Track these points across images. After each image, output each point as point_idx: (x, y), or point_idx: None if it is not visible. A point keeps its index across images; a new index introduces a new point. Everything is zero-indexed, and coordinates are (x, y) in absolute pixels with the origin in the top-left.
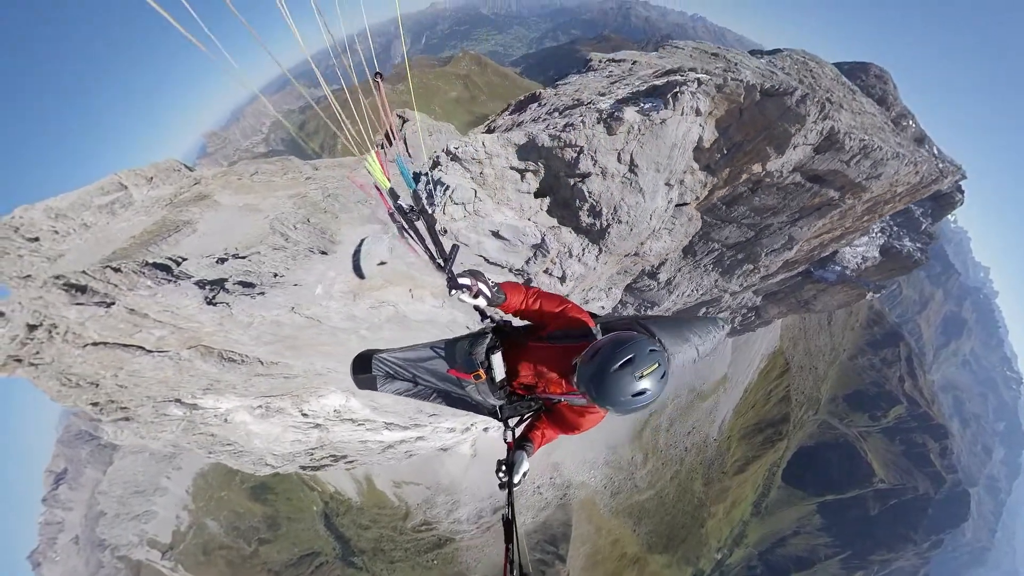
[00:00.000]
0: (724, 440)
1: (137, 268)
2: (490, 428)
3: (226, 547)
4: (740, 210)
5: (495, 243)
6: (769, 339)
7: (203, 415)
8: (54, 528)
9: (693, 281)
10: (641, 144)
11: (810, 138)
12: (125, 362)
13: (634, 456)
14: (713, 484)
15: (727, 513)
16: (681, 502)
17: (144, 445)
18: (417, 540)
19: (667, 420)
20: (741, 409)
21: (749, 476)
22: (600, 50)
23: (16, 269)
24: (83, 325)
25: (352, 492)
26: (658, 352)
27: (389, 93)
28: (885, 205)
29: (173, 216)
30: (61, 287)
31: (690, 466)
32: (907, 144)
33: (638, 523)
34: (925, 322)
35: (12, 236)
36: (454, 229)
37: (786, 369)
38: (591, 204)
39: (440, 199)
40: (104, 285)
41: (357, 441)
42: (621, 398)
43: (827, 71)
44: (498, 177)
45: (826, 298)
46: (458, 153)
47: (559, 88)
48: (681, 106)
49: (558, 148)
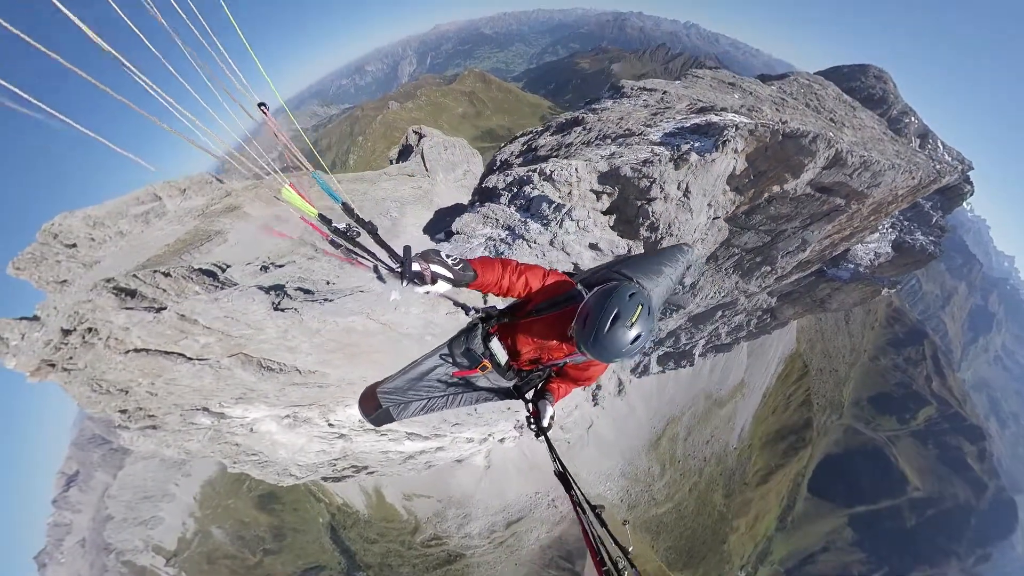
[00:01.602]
0: (744, 449)
1: (186, 273)
2: (506, 439)
3: (230, 556)
4: (757, 218)
5: (591, 253)
6: (785, 342)
7: (230, 424)
8: (62, 530)
9: (716, 284)
10: (695, 176)
11: (819, 163)
12: (165, 369)
13: (651, 467)
14: (734, 496)
15: (750, 527)
16: (701, 516)
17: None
18: (426, 555)
19: (684, 429)
20: (761, 415)
21: (772, 487)
22: (598, 61)
23: (54, 274)
24: (127, 331)
25: (360, 504)
26: (638, 294)
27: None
28: (889, 205)
29: (205, 226)
30: (111, 291)
31: (709, 477)
32: (905, 149)
33: (656, 538)
34: (950, 318)
35: (51, 242)
36: (566, 241)
37: (805, 372)
38: (651, 221)
39: (558, 216)
40: (153, 290)
41: (379, 452)
42: (621, 350)
43: (830, 92)
44: (581, 197)
45: (841, 296)
46: (553, 176)
47: (600, 114)
48: (727, 149)
49: (636, 178)
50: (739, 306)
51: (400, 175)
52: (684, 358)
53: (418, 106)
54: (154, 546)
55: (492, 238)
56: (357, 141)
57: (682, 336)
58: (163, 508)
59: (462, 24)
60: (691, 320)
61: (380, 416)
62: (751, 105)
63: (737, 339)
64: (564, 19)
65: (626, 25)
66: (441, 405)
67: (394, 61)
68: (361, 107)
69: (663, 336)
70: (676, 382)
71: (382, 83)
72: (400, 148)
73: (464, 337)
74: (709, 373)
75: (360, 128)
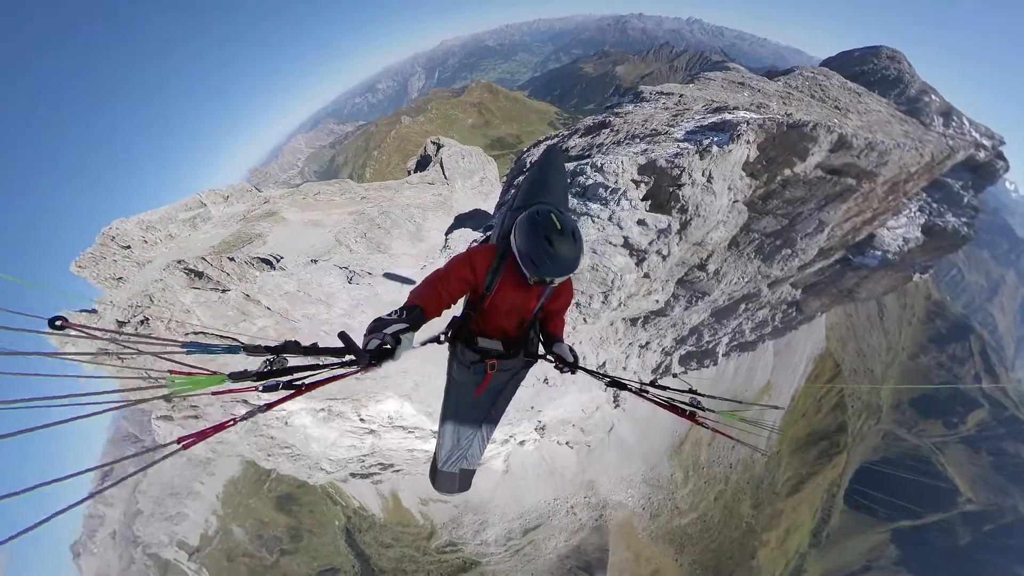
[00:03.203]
0: (773, 455)
1: (248, 259)
2: (526, 442)
3: (249, 555)
4: (774, 203)
5: (638, 228)
6: (814, 340)
7: (266, 417)
8: (96, 521)
9: (738, 269)
10: (716, 164)
11: (823, 147)
12: None
13: (674, 473)
14: (763, 507)
15: (781, 542)
16: (727, 527)
17: None
18: (440, 562)
19: (708, 433)
20: (790, 419)
21: (805, 497)
22: (602, 65)
23: (111, 272)
24: (188, 313)
25: (376, 508)
26: (543, 207)
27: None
28: (905, 184)
29: (247, 230)
30: (182, 271)
31: (736, 485)
32: (914, 128)
33: (680, 551)
34: (999, 310)
35: (109, 244)
36: (621, 217)
37: (837, 372)
38: (682, 204)
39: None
40: (219, 273)
41: (405, 450)
42: (573, 254)
43: (834, 81)
44: (626, 184)
45: (870, 285)
46: (604, 167)
47: (625, 117)
48: (741, 141)
49: (670, 168)
50: (763, 298)
51: (421, 183)
52: (707, 357)
53: (429, 119)
54: (178, 541)
55: None
56: (373, 155)
57: (705, 333)
58: (188, 505)
59: (467, 38)
60: (714, 315)
61: (462, 479)
62: (759, 102)
63: (762, 336)
64: (564, 27)
65: (627, 27)
66: (491, 422)
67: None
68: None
69: (685, 333)
70: (699, 383)
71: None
72: (418, 159)
73: (456, 360)
74: (733, 374)
75: (375, 143)
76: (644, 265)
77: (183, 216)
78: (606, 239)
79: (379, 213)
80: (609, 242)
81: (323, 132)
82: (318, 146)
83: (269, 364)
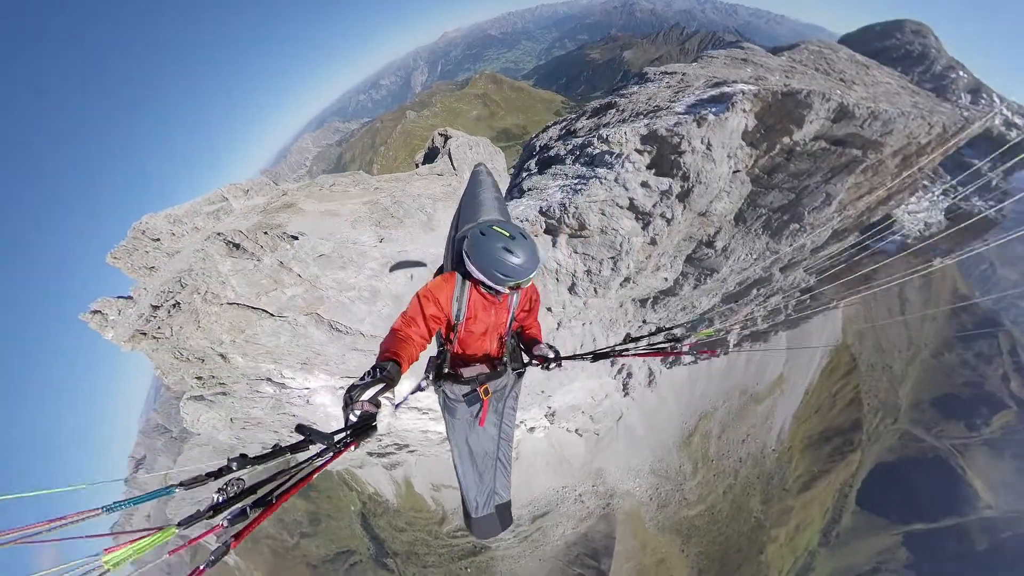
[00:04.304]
0: (784, 451)
1: (280, 235)
2: (536, 428)
3: (271, 537)
4: (780, 177)
5: (642, 190)
6: (829, 332)
7: (289, 395)
8: None
9: (746, 246)
10: (714, 132)
11: (820, 115)
12: (250, 323)
13: (682, 464)
14: (773, 503)
15: (790, 539)
16: (736, 521)
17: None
18: (452, 546)
19: (718, 426)
20: (802, 415)
21: (816, 495)
22: (609, 50)
23: (143, 262)
24: (224, 284)
25: (390, 494)
26: (484, 223)
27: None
28: (918, 158)
29: (267, 220)
30: (223, 241)
31: (745, 480)
32: (926, 100)
33: (687, 542)
34: None
35: (140, 237)
36: (626, 178)
37: (853, 367)
38: (684, 171)
39: (620, 160)
40: (254, 245)
41: (419, 431)
42: (529, 260)
43: (841, 55)
44: (629, 152)
45: (888, 270)
46: (608, 138)
47: (630, 97)
48: (736, 109)
49: (669, 136)
50: (775, 283)
51: (431, 175)
52: (717, 346)
53: (434, 113)
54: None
55: (564, 187)
56: (379, 151)
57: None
58: (214, 489)
59: (468, 29)
60: (724, 301)
61: (502, 517)
62: (760, 76)
63: (775, 326)
64: (569, 11)
65: (635, 9)
66: (505, 440)
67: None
68: (380, 119)
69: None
70: (708, 375)
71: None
72: (426, 151)
73: (447, 400)
74: (745, 366)
75: (381, 139)
76: (650, 229)
77: (207, 210)
78: (613, 200)
79: (392, 202)
80: (616, 203)
81: (329, 131)
82: (325, 145)
83: (223, 492)
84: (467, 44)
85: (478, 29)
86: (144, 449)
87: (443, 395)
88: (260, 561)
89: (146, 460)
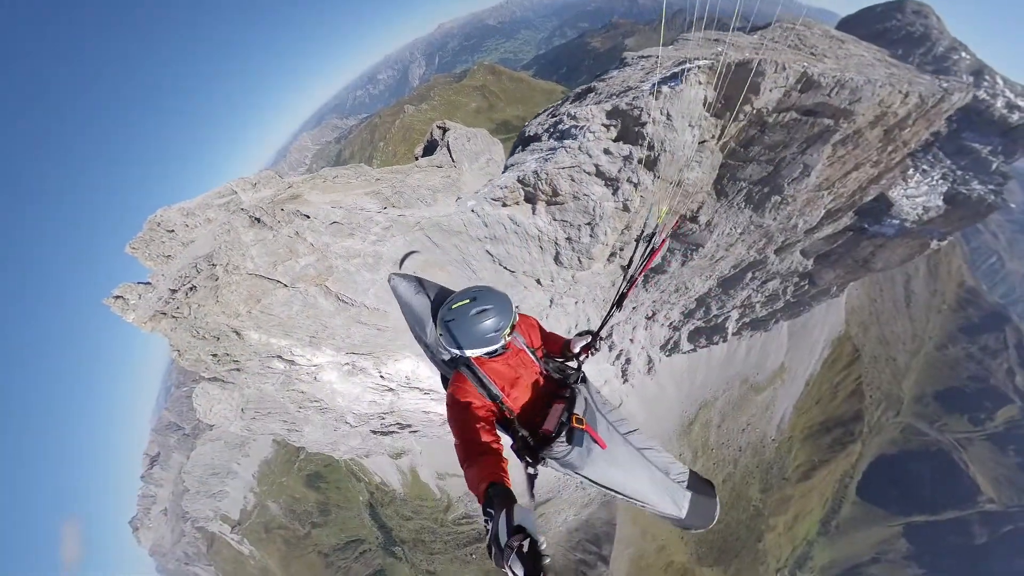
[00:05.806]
0: (784, 441)
1: (293, 211)
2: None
3: (284, 527)
4: (756, 149)
5: (606, 157)
6: (832, 323)
7: (298, 372)
8: (149, 500)
9: (730, 220)
10: (672, 103)
11: (779, 82)
12: (266, 293)
13: (683, 453)
14: (772, 492)
15: (789, 528)
16: (735, 510)
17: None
18: (457, 533)
19: (718, 415)
20: (803, 405)
21: (815, 485)
22: (610, 38)
23: (160, 251)
24: (244, 255)
25: (397, 483)
26: (445, 307)
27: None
28: (900, 131)
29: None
30: (246, 215)
31: (745, 468)
32: (903, 71)
33: (686, 529)
34: None
35: (156, 228)
36: (589, 146)
37: (855, 357)
38: (649, 141)
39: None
40: (271, 218)
41: (421, 412)
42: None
43: (815, 31)
44: (595, 126)
45: (886, 254)
46: (576, 115)
47: (608, 81)
48: (690, 80)
49: (630, 109)
50: (770, 266)
51: (430, 167)
52: (716, 333)
53: (433, 107)
54: (221, 516)
55: (539, 158)
56: (379, 147)
57: (712, 305)
58: (228, 483)
59: (465, 19)
60: (721, 286)
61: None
62: (725, 52)
63: (774, 313)
64: None
65: None
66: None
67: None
68: (379, 114)
69: (692, 305)
70: (708, 363)
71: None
72: (425, 144)
73: (560, 462)
74: (745, 355)
75: (380, 134)
76: (620, 194)
77: (218, 202)
78: (579, 166)
79: (393, 192)
80: (583, 170)
81: (327, 128)
82: (324, 142)
83: None
84: (464, 35)
85: (475, 19)
86: (158, 446)
87: (553, 462)
88: (273, 550)
89: (160, 457)
